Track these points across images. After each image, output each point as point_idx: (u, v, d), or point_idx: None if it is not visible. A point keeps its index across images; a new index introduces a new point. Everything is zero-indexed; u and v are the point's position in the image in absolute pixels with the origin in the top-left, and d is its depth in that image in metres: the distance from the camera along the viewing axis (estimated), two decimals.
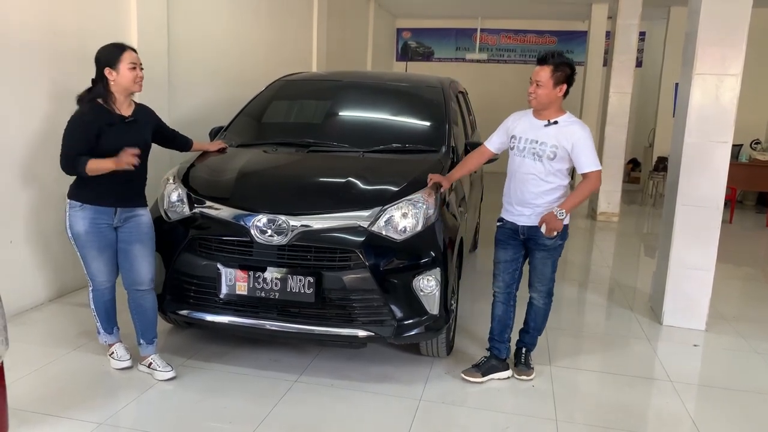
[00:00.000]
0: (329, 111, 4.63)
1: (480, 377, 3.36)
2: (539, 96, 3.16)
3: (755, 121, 10.62)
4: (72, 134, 3.04)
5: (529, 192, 3.23)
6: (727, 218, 8.37)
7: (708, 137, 4.20)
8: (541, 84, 3.14)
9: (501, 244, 3.40)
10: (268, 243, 3.14)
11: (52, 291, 4.33)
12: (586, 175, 3.18)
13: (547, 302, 3.44)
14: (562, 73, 3.13)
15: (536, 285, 3.40)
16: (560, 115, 3.22)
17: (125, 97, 3.15)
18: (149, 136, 3.29)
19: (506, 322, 3.44)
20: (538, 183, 3.21)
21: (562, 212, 3.15)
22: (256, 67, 6.81)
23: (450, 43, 13.52)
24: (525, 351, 3.50)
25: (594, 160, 3.16)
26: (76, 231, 3.10)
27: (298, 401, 3.11)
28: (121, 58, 3.06)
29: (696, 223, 4.29)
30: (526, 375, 3.45)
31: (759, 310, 5.04)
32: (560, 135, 3.16)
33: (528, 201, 3.24)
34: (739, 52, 4.10)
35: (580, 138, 3.14)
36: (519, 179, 3.27)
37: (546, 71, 3.13)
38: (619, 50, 8.42)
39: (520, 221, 3.29)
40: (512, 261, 3.37)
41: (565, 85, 3.16)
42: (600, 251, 7.09)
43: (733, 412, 3.28)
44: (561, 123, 3.19)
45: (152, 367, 3.26)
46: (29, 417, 2.82)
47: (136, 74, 3.09)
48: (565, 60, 3.17)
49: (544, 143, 3.17)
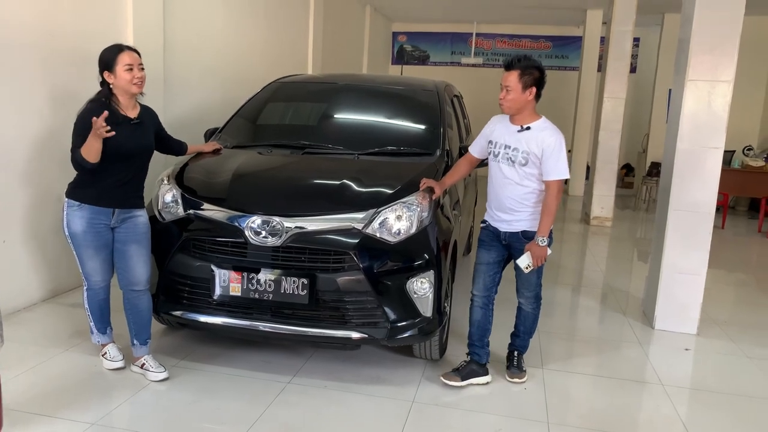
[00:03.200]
0: (324, 113, 4.64)
1: (459, 381, 3.35)
2: (509, 101, 3.14)
3: (747, 127, 10.70)
4: (78, 133, 3.03)
5: (506, 197, 3.23)
6: (719, 224, 8.42)
7: (700, 143, 4.24)
8: (510, 89, 3.12)
9: (484, 245, 3.39)
10: (263, 244, 3.14)
11: (46, 291, 4.32)
12: (548, 184, 3.13)
13: (535, 307, 3.44)
14: (530, 77, 3.10)
15: (523, 291, 3.40)
16: (534, 119, 3.19)
17: (128, 98, 3.14)
18: (152, 140, 3.29)
19: (485, 327, 3.42)
20: (515, 188, 3.20)
21: (543, 239, 3.13)
22: (251, 69, 6.81)
23: (445, 48, 13.56)
24: (517, 354, 3.50)
25: (558, 168, 3.11)
26: (73, 230, 3.10)
27: (291, 403, 3.11)
28: (117, 60, 3.06)
29: (688, 228, 4.32)
30: (519, 378, 3.44)
31: (750, 314, 5.07)
32: (531, 141, 3.13)
33: (507, 206, 3.24)
34: (731, 59, 4.14)
35: (550, 145, 3.10)
36: (497, 184, 3.27)
37: (513, 75, 3.11)
38: (614, 56, 8.47)
39: (501, 227, 3.29)
40: (494, 263, 3.35)
41: (535, 88, 3.12)
42: (593, 255, 7.12)
43: (723, 415, 3.30)
44: (534, 128, 3.16)
45: (145, 368, 3.26)
46: (22, 417, 2.81)
47: (132, 76, 3.08)
48: (532, 63, 3.15)
49: (516, 149, 3.16)
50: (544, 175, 3.13)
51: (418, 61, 13.70)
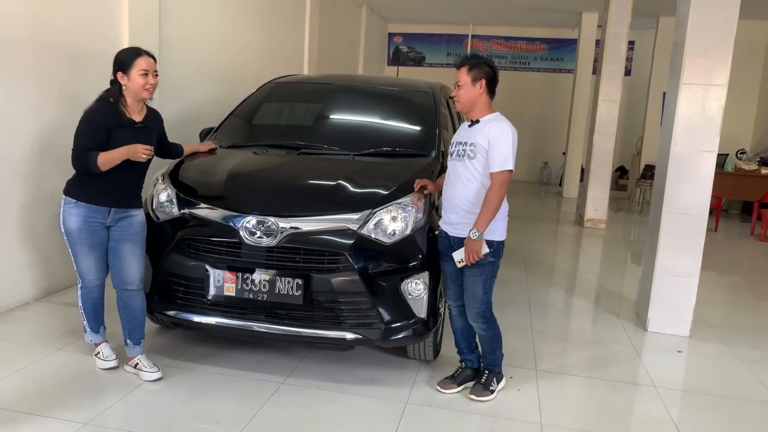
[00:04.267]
0: (320, 114, 4.64)
1: (456, 388, 3.32)
2: (460, 96, 3.14)
3: (741, 131, 10.77)
4: (84, 132, 3.03)
5: (457, 196, 3.13)
6: (712, 226, 8.46)
7: (694, 146, 4.26)
8: (461, 84, 3.12)
9: (442, 255, 3.27)
10: (257, 244, 3.14)
11: (40, 290, 4.30)
12: (491, 176, 3.03)
13: (485, 328, 3.21)
14: (479, 70, 3.09)
15: (468, 310, 3.20)
16: (486, 114, 3.14)
17: (137, 102, 3.14)
18: (154, 143, 3.28)
19: (468, 333, 3.37)
20: (464, 186, 3.10)
21: (476, 232, 2.98)
22: (247, 69, 6.81)
23: (441, 49, 13.58)
24: (487, 372, 3.31)
25: (502, 160, 3.00)
26: (68, 227, 3.10)
27: (284, 403, 3.11)
28: (134, 63, 3.06)
29: (681, 230, 4.34)
30: (479, 396, 3.23)
31: (742, 317, 5.10)
32: (479, 133, 3.08)
33: (457, 205, 3.13)
34: (725, 62, 4.17)
35: (495, 135, 3.02)
36: (449, 183, 3.20)
37: (463, 72, 3.11)
38: (609, 59, 8.50)
39: (450, 231, 3.17)
40: (456, 272, 3.20)
41: (484, 81, 3.09)
42: (587, 257, 7.15)
43: (715, 417, 3.32)
44: (482, 122, 3.12)
45: (138, 368, 3.25)
46: (14, 416, 2.80)
47: (146, 81, 3.08)
48: (482, 60, 3.15)
49: (465, 143, 3.12)
50: (489, 166, 3.03)
51: (413, 62, 13.71)
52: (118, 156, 3.02)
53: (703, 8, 4.13)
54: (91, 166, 2.99)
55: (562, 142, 11.91)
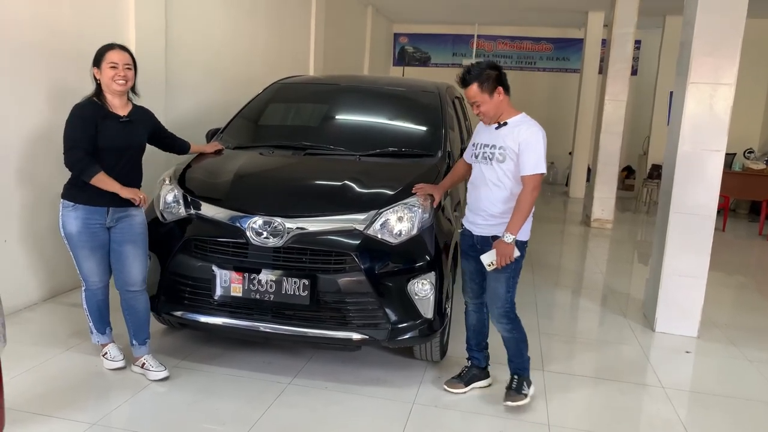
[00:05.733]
0: (326, 114, 4.64)
1: (463, 387, 3.32)
2: (485, 113, 3.05)
3: (749, 130, 10.70)
4: (74, 129, 3.04)
5: (483, 198, 3.10)
6: (720, 226, 8.41)
7: (702, 146, 4.24)
8: (478, 102, 3.03)
9: (463, 254, 3.29)
10: (264, 245, 3.14)
11: (46, 291, 4.32)
12: (523, 180, 2.99)
13: (510, 329, 3.16)
14: (489, 79, 3.00)
15: (491, 306, 3.17)
16: (512, 115, 3.08)
17: (116, 96, 3.14)
18: (144, 138, 3.28)
19: (481, 331, 3.38)
20: (491, 189, 3.07)
21: (509, 236, 2.95)
22: (253, 70, 6.82)
23: (447, 49, 13.57)
24: (517, 378, 3.24)
25: (534, 163, 2.96)
26: (68, 231, 3.10)
27: (291, 403, 3.11)
28: (104, 57, 3.08)
29: (689, 230, 4.32)
30: (513, 400, 3.17)
31: (750, 318, 5.07)
32: (508, 136, 3.02)
33: (481, 208, 3.11)
34: (733, 61, 4.14)
35: (525, 139, 2.97)
36: (475, 185, 3.17)
37: (473, 89, 3.00)
38: (615, 58, 8.47)
39: (474, 231, 3.17)
40: (476, 272, 3.22)
41: (500, 87, 3.02)
42: (593, 258, 7.12)
43: (723, 418, 3.30)
44: (510, 124, 3.05)
45: (145, 368, 3.25)
46: (21, 416, 2.81)
47: (115, 73, 3.07)
48: (482, 68, 3.02)
49: (494, 146, 3.06)
50: (519, 170, 3.00)
51: (419, 62, 13.71)
52: (111, 188, 3.03)
53: (711, 7, 4.10)
54: (86, 173, 2.99)
55: (569, 141, 11.88)
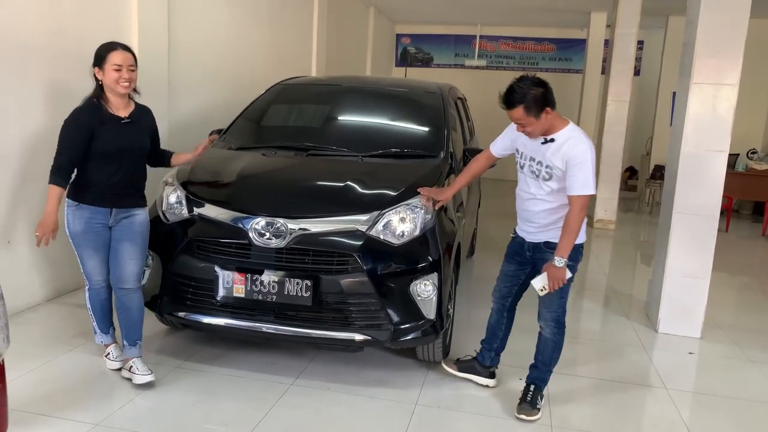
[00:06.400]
0: (328, 115, 4.65)
1: (455, 369, 3.40)
2: (532, 132, 2.91)
3: (752, 130, 10.67)
4: (66, 135, 3.00)
5: (529, 210, 3.08)
6: (723, 227, 8.40)
7: (705, 146, 4.23)
8: (524, 123, 2.87)
9: (507, 256, 3.29)
10: (266, 246, 3.15)
11: (49, 291, 4.33)
12: (570, 200, 2.86)
13: (555, 333, 3.14)
14: (536, 101, 2.80)
15: (542, 312, 3.14)
16: (560, 127, 2.92)
17: (117, 97, 3.09)
18: (146, 139, 3.24)
19: (495, 332, 3.38)
20: (539, 203, 3.01)
21: (561, 260, 2.86)
22: (255, 71, 6.83)
23: (449, 50, 13.56)
24: (533, 388, 3.17)
25: (582, 182, 2.82)
26: (72, 230, 3.10)
27: (293, 404, 3.11)
28: (107, 58, 3.01)
29: (692, 231, 4.31)
30: (527, 415, 3.09)
31: (754, 318, 5.06)
32: (555, 154, 2.88)
33: (529, 219, 3.09)
34: (736, 62, 4.14)
35: (573, 157, 2.83)
36: (521, 196, 3.12)
37: (519, 112, 2.82)
38: (618, 59, 8.46)
39: (526, 237, 3.14)
40: (512, 276, 3.25)
41: (547, 106, 2.83)
42: (596, 258, 7.11)
43: (727, 419, 3.29)
44: (558, 139, 2.90)
45: (132, 371, 3.18)
46: (25, 417, 2.82)
47: (119, 76, 3.00)
48: (529, 89, 2.81)
49: (540, 163, 2.95)
50: (567, 189, 2.87)
51: (421, 63, 13.70)
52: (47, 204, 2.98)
53: (714, 7, 4.10)
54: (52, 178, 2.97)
55: None
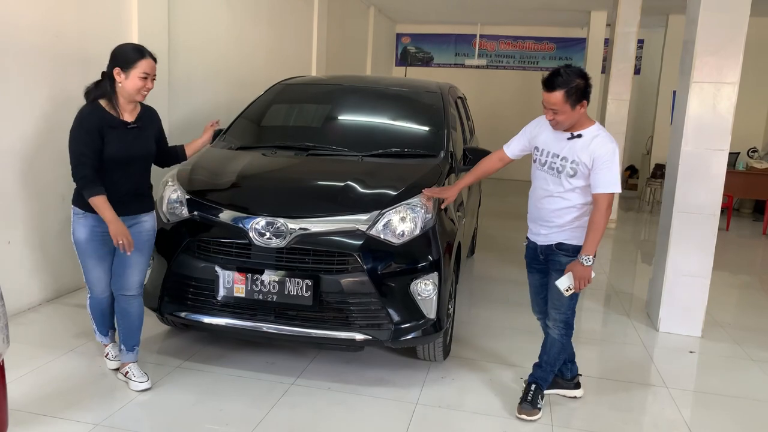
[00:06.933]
0: (328, 115, 4.65)
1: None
2: (561, 122, 2.85)
3: (752, 129, 10.67)
4: (78, 143, 2.89)
5: (545, 209, 3.00)
6: (723, 226, 8.39)
7: (705, 145, 4.23)
8: (558, 110, 2.81)
9: (527, 267, 3.23)
10: (267, 246, 3.15)
11: (50, 292, 4.33)
12: (596, 198, 2.83)
13: (563, 334, 3.11)
14: (577, 90, 2.77)
15: (552, 312, 3.11)
16: (587, 125, 2.89)
17: (129, 101, 3.00)
18: (152, 145, 3.14)
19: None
20: (555, 200, 2.96)
21: (588, 258, 2.85)
22: (255, 71, 6.83)
23: (449, 49, 13.55)
24: (534, 388, 3.15)
25: (610, 180, 2.81)
26: (77, 238, 3.04)
27: (294, 404, 3.11)
28: (136, 64, 2.90)
29: (693, 230, 4.31)
30: (528, 414, 3.08)
31: (755, 317, 5.06)
32: (583, 150, 2.84)
33: (544, 218, 3.02)
34: (736, 60, 4.13)
35: (602, 155, 2.80)
36: (537, 195, 3.05)
37: (558, 96, 2.77)
38: (618, 58, 8.45)
39: (538, 240, 3.09)
40: (540, 286, 3.19)
41: (585, 100, 2.81)
42: (597, 257, 7.09)
43: (728, 418, 3.29)
44: (586, 136, 2.86)
45: (128, 377, 3.17)
46: (25, 417, 2.82)
47: (144, 85, 2.93)
48: (574, 77, 2.78)
49: (565, 158, 2.89)
50: (592, 187, 2.84)
51: (421, 62, 13.69)
52: (103, 214, 2.88)
53: (714, 6, 4.09)
54: (87, 191, 2.87)
55: None
